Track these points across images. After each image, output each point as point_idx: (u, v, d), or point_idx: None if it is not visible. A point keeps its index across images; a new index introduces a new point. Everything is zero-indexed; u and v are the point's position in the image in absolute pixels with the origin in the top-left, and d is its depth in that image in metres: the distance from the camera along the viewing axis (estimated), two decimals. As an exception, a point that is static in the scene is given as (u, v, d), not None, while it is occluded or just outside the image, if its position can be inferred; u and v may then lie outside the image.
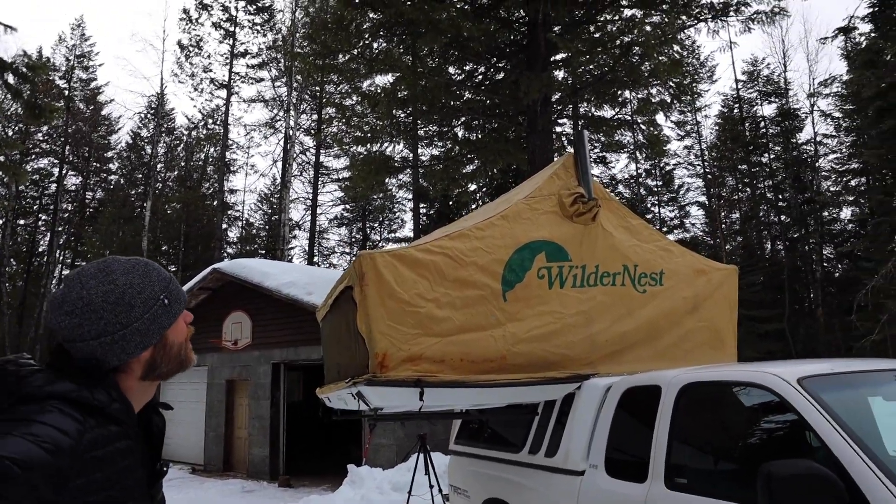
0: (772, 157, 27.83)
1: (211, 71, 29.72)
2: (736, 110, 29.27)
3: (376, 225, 35.17)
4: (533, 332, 3.81)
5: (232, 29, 28.81)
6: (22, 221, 36.26)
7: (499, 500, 4.35)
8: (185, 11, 28.29)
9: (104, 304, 1.20)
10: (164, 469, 1.33)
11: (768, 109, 29.02)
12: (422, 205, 24.42)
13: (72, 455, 1.04)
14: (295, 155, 27.81)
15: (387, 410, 3.96)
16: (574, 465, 3.66)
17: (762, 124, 28.55)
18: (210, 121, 31.83)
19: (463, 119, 14.92)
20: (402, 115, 14.90)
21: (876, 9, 16.11)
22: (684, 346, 4.41)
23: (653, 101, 14.34)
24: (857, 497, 2.19)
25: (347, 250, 35.55)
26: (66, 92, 33.80)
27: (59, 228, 35.30)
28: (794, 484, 2.15)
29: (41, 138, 35.20)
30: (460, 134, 15.70)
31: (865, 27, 16.92)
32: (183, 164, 37.95)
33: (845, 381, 2.92)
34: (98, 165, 37.94)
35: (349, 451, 12.98)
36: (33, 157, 33.98)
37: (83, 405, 1.11)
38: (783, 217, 27.20)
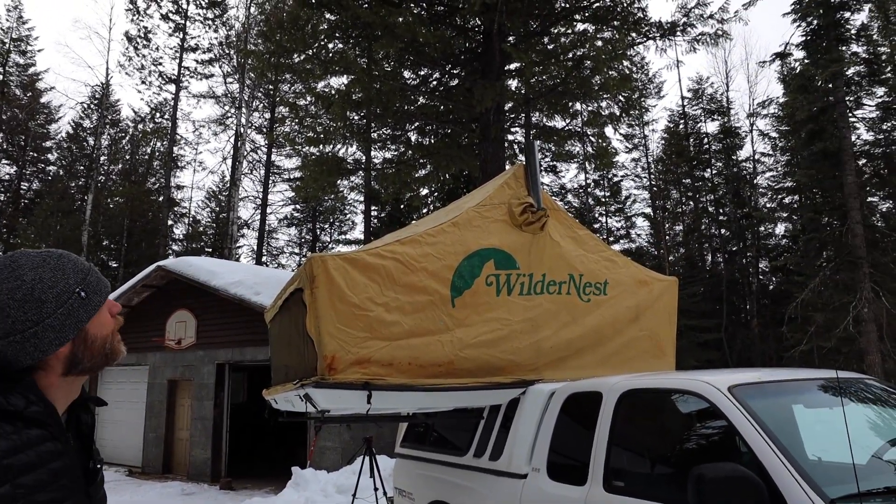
0: (714, 172, 28.93)
1: (160, 64, 28.89)
2: (681, 126, 30.29)
3: (326, 226, 34.85)
4: (480, 338, 3.89)
5: (182, 22, 28.07)
6: (-51, 211, 34.40)
7: (443, 502, 4.41)
8: (132, 1, 27.41)
9: (10, 301, 1.15)
10: (97, 466, 1.31)
11: (711, 126, 30.17)
12: (373, 207, 24.33)
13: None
14: (245, 153, 27.31)
15: (334, 413, 3.98)
16: (517, 469, 3.76)
17: (705, 140, 29.64)
18: (157, 114, 30.92)
19: (417, 124, 14.98)
20: (356, 118, 14.85)
21: (809, 37, 16.99)
22: (626, 354, 4.57)
23: (602, 113, 14.73)
24: (777, 498, 2.34)
25: (297, 251, 35.08)
26: (1, 77, 32.32)
27: (-9, 220, 33.64)
28: (721, 485, 2.29)
29: (-28, 124, 33.52)
30: (413, 138, 15.75)
31: (800, 54, 17.82)
32: (128, 157, 36.74)
33: (772, 390, 3.10)
34: (35, 155, 36.33)
35: (294, 453, 12.82)
36: (-38, 143, 32.32)
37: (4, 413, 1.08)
38: (723, 230, 28.27)
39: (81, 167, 35.46)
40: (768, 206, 26.36)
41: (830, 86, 15.98)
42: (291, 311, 4.04)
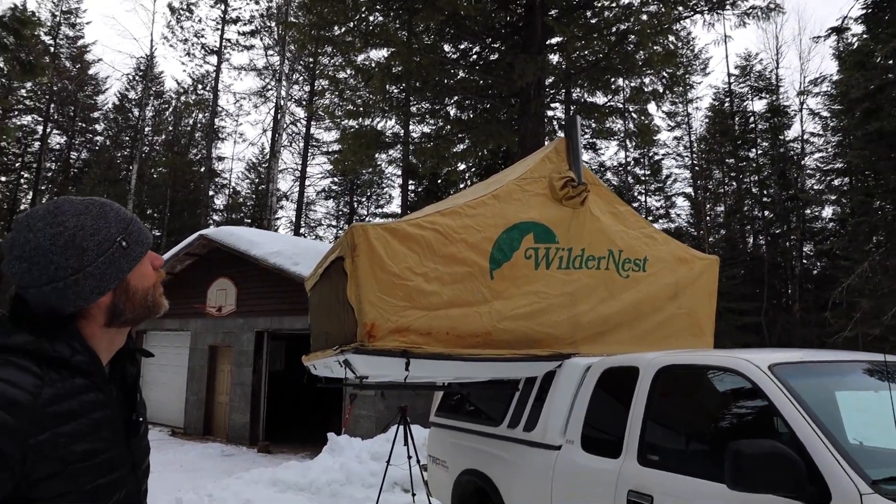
0: (759, 152, 28.11)
1: (203, 36, 29.25)
2: (727, 104, 29.44)
3: (364, 199, 35.09)
4: (518, 311, 3.92)
5: (224, -7, 28.31)
6: (3, 178, 35.67)
7: (476, 471, 4.49)
8: (177, -28, 27.70)
9: (52, 247, 1.13)
10: (139, 419, 1.30)
11: (758, 105, 29.24)
12: (410, 182, 24.39)
13: (30, 410, 1.03)
14: (285, 125, 27.58)
15: (372, 379, 4.06)
16: (551, 440, 3.80)
17: (751, 119, 28.76)
18: (200, 86, 31.39)
19: (456, 98, 14.89)
20: (396, 91, 14.83)
21: (869, 10, 16.22)
22: (664, 332, 4.54)
23: (645, 90, 14.41)
24: (816, 477, 2.32)
25: (334, 223, 35.47)
26: (52, 49, 33.10)
27: (42, 187, 34.79)
28: (759, 462, 2.28)
29: (24, 95, 34.51)
30: (452, 113, 15.68)
31: (858, 28, 17.04)
32: (171, 128, 37.46)
33: (814, 370, 3.06)
34: (84, 125, 37.32)
35: (329, 421, 13.13)
36: (16, 112, 33.34)
37: (42, 358, 1.09)
38: (766, 212, 27.54)
39: (127, 138, 36.32)
40: (816, 187, 25.55)
41: (891, 62, 15.27)
42: (332, 279, 4.12)
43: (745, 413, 3.05)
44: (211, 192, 32.48)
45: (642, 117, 15.97)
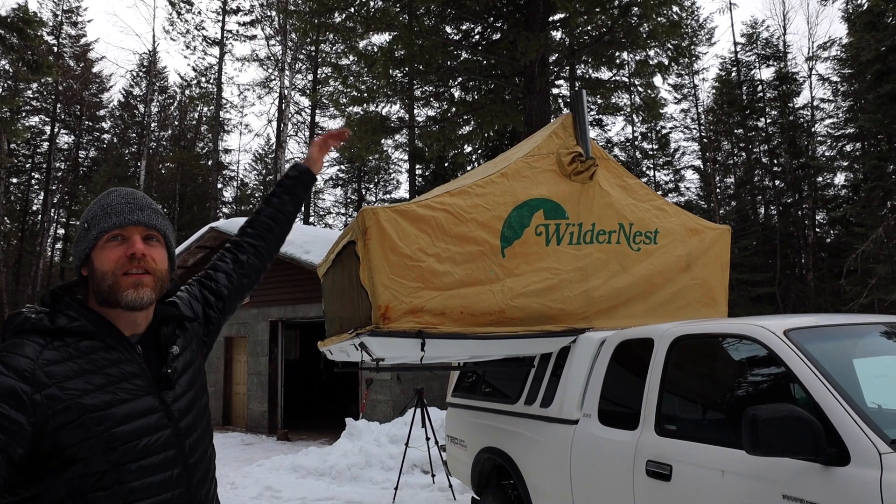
0: (768, 121, 27.77)
1: (203, 28, 29.20)
2: (734, 74, 29.06)
3: (372, 186, 35.10)
4: (530, 287, 3.93)
5: (223, -17, 28.19)
6: (14, 180, 35.95)
7: (495, 448, 4.53)
8: (173, -36, 27.58)
9: None
10: (168, 371, 1.41)
11: (766, 73, 28.93)
12: (417, 166, 24.35)
13: (32, 372, 1.21)
14: (290, 115, 27.55)
15: (388, 362, 4.09)
16: (568, 415, 3.82)
17: (759, 88, 28.38)
18: (203, 79, 31.39)
19: (460, 79, 14.80)
20: (399, 75, 14.76)
21: (879, -30, 15.89)
22: (677, 303, 4.54)
23: (650, 63, 14.23)
24: (834, 438, 2.33)
25: (343, 211, 35.54)
26: (56, 48, 33.16)
27: (53, 187, 35.03)
28: (776, 426, 2.29)
29: (31, 95, 34.67)
30: (457, 95, 15.58)
31: (867, -12, 16.73)
32: (177, 123, 37.54)
33: (829, 334, 3.05)
34: (90, 124, 37.49)
35: (346, 408, 13.26)
36: (24, 114, 33.53)
37: (46, 331, 1.29)
38: (777, 182, 27.27)
39: (133, 134, 36.46)
40: (827, 154, 25.23)
41: (901, 22, 15.00)
42: (344, 263, 4.15)
43: (762, 379, 3.06)
44: (219, 185, 32.61)
45: (648, 91, 15.78)
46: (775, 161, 27.47)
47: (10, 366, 1.21)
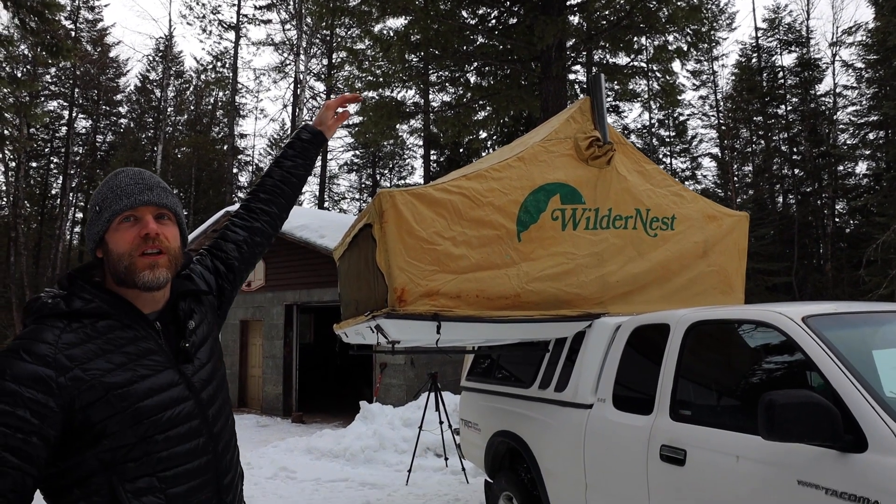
0: (788, 108, 27.34)
1: (219, 13, 29.24)
2: (754, 60, 28.59)
3: (386, 171, 35.10)
4: (546, 272, 3.92)
5: (239, -32, 28.14)
6: (34, 164, 36.37)
7: (509, 432, 4.55)
8: (191, -52, 27.56)
9: None
10: (187, 346, 1.44)
11: (788, 59, 28.48)
12: (432, 152, 24.29)
13: (54, 357, 1.25)
14: (305, 100, 27.56)
15: (403, 344, 4.12)
16: (583, 399, 3.83)
17: (780, 74, 27.91)
18: (219, 64, 31.46)
19: (476, 64, 14.71)
20: (415, 60, 14.70)
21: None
22: (694, 290, 4.51)
23: (669, 48, 14.04)
24: (852, 425, 2.32)
25: (357, 196, 35.61)
26: (73, 33, 33.34)
27: (72, 171, 35.39)
28: (793, 411, 2.28)
29: (49, 80, 34.95)
30: (473, 80, 15.50)
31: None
32: (193, 108, 37.70)
33: (848, 321, 3.02)
34: (108, 108, 37.76)
35: (360, 391, 13.38)
36: (42, 99, 33.83)
37: (63, 314, 1.32)
38: (796, 171, 26.89)
39: (150, 119, 36.70)
40: (849, 142, 24.80)
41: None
42: (360, 246, 4.17)
43: (779, 366, 3.04)
44: (235, 170, 32.77)
45: (666, 77, 15.61)
46: (795, 149, 27.07)
47: (33, 353, 1.26)
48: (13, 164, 31.36)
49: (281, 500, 6.57)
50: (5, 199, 34.45)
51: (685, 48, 14.15)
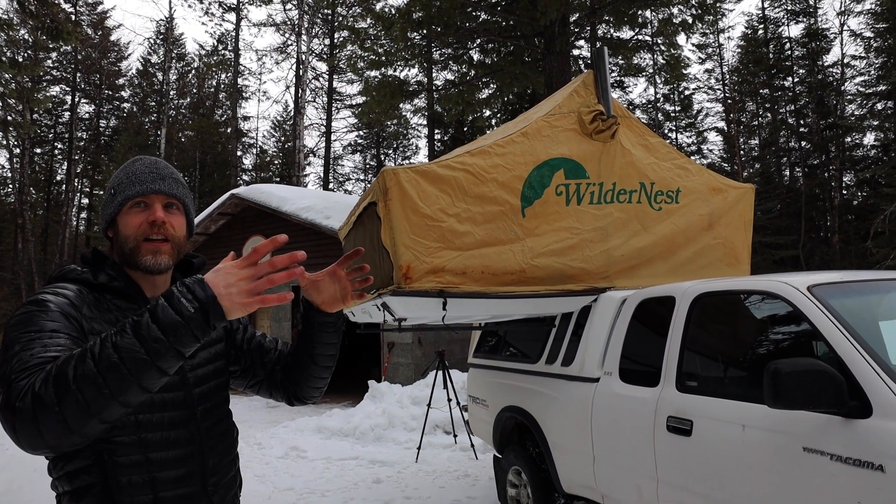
0: (795, 80, 27.01)
1: (220, -7, 28.95)
2: (760, 31, 28.20)
3: (390, 152, 35.00)
4: (551, 247, 3.93)
5: (238, -53, 27.83)
6: (38, 150, 36.40)
7: (516, 407, 4.60)
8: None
9: None
10: None
11: (795, 30, 28.10)
12: (436, 131, 24.18)
13: (79, 305, 1.33)
14: (308, 80, 27.41)
15: (410, 322, 4.15)
16: (590, 373, 3.86)
17: (787, 46, 27.53)
18: (221, 46, 31.27)
19: (479, 41, 14.58)
20: (417, 38, 14.57)
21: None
22: (699, 262, 4.51)
23: (674, 21, 13.86)
24: (856, 391, 2.33)
25: (362, 177, 35.56)
26: (73, 17, 33.16)
27: (76, 157, 35.42)
28: (798, 379, 2.29)
29: (51, 65, 34.85)
30: (476, 57, 15.37)
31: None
32: (195, 91, 37.56)
33: (854, 290, 3.02)
34: (110, 93, 37.67)
35: (368, 370, 13.48)
36: (45, 84, 33.77)
37: (86, 282, 1.40)
38: (803, 143, 26.65)
39: (153, 103, 36.60)
40: (856, 113, 24.50)
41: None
42: (366, 224, 4.18)
43: (785, 336, 3.05)
44: (239, 153, 32.74)
45: (671, 49, 15.45)
46: (802, 121, 26.80)
47: (60, 294, 1.33)
48: (18, 150, 31.41)
49: (292, 478, 6.67)
50: (11, 186, 34.59)
51: (690, 21, 13.95)
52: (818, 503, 2.37)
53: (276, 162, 36.85)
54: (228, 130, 32.28)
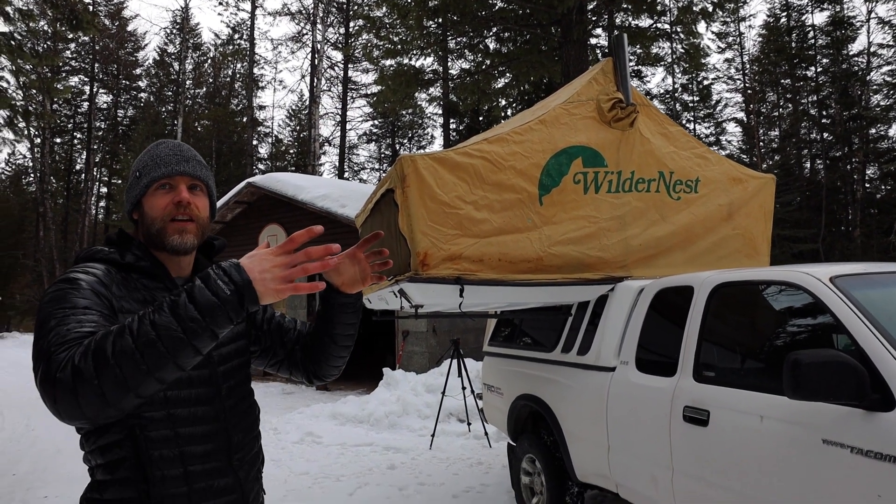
0: (818, 70, 26.53)
1: (235, -18, 29.00)
2: (783, 19, 27.72)
3: (405, 141, 34.98)
4: (568, 235, 3.91)
5: (254, -64, 27.83)
6: (58, 140, 36.81)
7: (531, 395, 4.60)
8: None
9: None
10: None
11: (819, 18, 27.57)
12: (451, 120, 24.11)
13: (109, 284, 1.34)
14: (323, 70, 27.41)
15: (427, 309, 4.15)
16: (606, 362, 3.84)
17: (811, 35, 27.03)
18: (236, 35, 31.36)
19: (495, 30, 14.49)
20: (433, 26, 14.51)
21: None
22: (718, 253, 4.47)
23: (694, 9, 13.66)
24: (879, 383, 2.30)
25: (377, 166, 35.59)
26: (91, 7, 33.38)
27: (95, 146, 35.77)
28: (818, 370, 2.26)
29: (70, 55, 35.16)
30: (492, 46, 15.28)
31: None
32: (211, 80, 37.73)
33: (877, 281, 2.98)
34: (127, 83, 37.97)
35: (383, 358, 13.55)
36: (63, 74, 34.09)
37: (113, 262, 1.41)
38: (825, 134, 26.22)
39: (169, 92, 36.84)
40: (882, 104, 24.02)
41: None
42: (383, 212, 4.18)
43: (806, 326, 3.02)
44: (254, 142, 32.89)
45: (691, 38, 15.24)
46: (824, 112, 26.36)
47: (90, 272, 1.35)
48: (38, 140, 31.79)
49: (308, 463, 6.73)
50: (32, 175, 35.01)
51: (711, 9, 13.75)
52: (837, 496, 2.35)
53: (291, 151, 36.98)
54: (244, 120, 32.42)
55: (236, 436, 1.48)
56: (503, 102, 19.50)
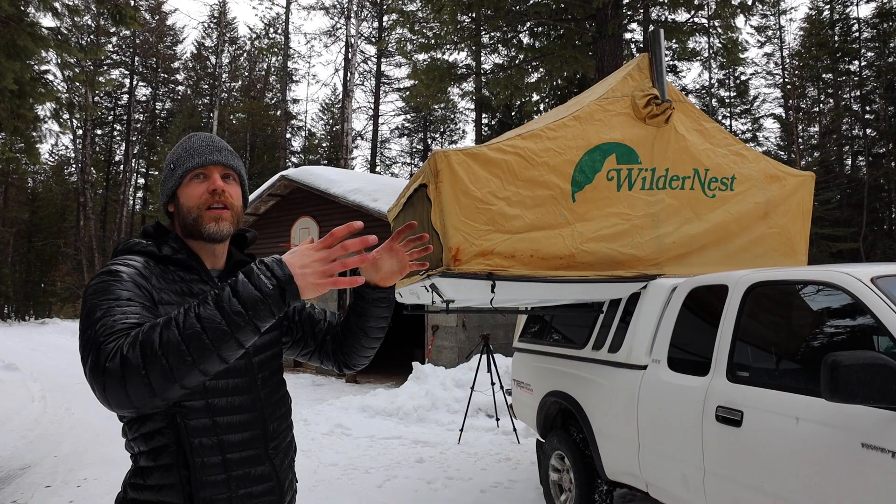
0: (862, 64, 25.75)
1: (271, -23, 29.31)
2: (826, 12, 26.96)
3: (437, 136, 35.01)
4: (601, 232, 3.89)
5: (290, -68, 28.07)
6: (99, 131, 37.75)
7: (561, 392, 4.59)
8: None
9: None
10: None
11: (864, 10, 26.78)
12: (484, 115, 24.03)
13: (148, 276, 1.38)
14: (356, 64, 27.57)
15: (457, 304, 4.17)
16: (637, 360, 3.82)
17: (855, 28, 26.24)
18: (271, 30, 31.72)
19: (529, 24, 14.39)
20: (467, 20, 14.48)
21: None
22: (754, 252, 4.40)
23: (733, 2, 13.38)
24: (922, 387, 2.25)
25: (408, 160, 35.70)
26: (133, 1, 34.06)
27: (133, 138, 36.58)
28: (858, 372, 2.22)
29: (111, 49, 35.96)
30: (525, 40, 15.18)
31: None
32: (246, 74, 38.27)
33: (921, 283, 2.90)
34: (166, 76, 38.70)
35: (412, 353, 13.63)
36: (105, 68, 34.89)
37: (151, 255, 1.45)
38: (868, 131, 25.46)
39: (206, 86, 37.46)
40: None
41: None
42: (415, 206, 4.21)
43: (844, 328, 2.96)
44: (288, 135, 33.25)
45: (728, 33, 14.91)
46: (868, 108, 25.59)
47: (131, 265, 1.39)
48: (80, 131, 32.63)
49: (337, 454, 6.83)
50: (74, 166, 35.96)
51: (750, 2, 13.45)
52: (876, 501, 2.31)
53: (324, 144, 37.32)
54: (278, 113, 32.81)
55: (271, 424, 1.52)
56: (536, 97, 19.37)
